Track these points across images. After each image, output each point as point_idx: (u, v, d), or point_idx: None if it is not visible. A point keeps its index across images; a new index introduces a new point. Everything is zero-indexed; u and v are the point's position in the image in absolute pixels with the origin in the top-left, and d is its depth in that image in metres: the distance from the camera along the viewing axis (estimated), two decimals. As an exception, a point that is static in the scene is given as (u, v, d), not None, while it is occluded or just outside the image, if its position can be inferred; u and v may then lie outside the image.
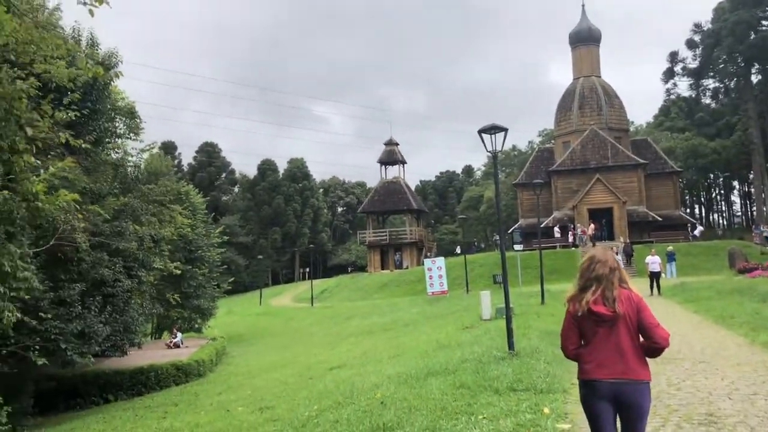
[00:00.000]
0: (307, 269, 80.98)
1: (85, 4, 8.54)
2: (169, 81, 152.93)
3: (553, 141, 60.31)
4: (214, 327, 38.78)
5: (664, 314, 17.63)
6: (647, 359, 4.05)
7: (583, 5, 57.55)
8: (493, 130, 11.82)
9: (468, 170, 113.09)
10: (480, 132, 11.95)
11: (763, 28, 56.98)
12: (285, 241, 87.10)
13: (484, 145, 11.98)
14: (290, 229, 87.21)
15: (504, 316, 20.79)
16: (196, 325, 35.97)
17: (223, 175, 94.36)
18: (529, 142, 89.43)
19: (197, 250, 35.13)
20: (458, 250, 50.95)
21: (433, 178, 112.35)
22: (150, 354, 25.01)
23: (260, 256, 75.97)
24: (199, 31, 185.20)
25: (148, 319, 27.54)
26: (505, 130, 11.91)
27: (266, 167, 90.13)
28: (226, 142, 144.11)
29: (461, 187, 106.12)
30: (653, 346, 4.00)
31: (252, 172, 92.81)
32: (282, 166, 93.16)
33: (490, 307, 20.85)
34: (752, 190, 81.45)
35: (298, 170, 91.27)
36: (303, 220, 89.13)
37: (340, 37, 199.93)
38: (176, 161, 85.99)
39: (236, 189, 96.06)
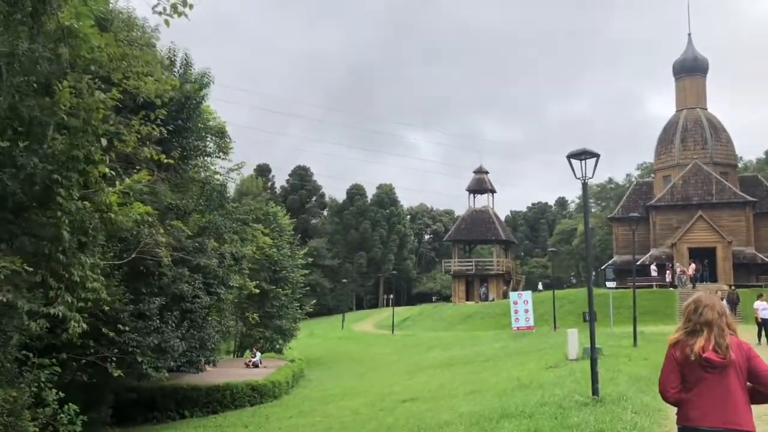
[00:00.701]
0: (391, 296, 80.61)
1: (161, 14, 8.48)
2: (268, 106, 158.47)
3: (652, 175, 57.58)
4: (295, 348, 38.86)
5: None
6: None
7: (689, 34, 55.03)
8: (583, 155, 10.97)
9: (561, 202, 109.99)
10: (569, 157, 11.12)
11: None
12: (370, 267, 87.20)
13: (573, 172, 11.12)
14: (376, 254, 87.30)
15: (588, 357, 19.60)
16: (277, 346, 36.07)
17: (314, 198, 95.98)
18: (627, 175, 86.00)
19: (281, 270, 35.39)
20: (540, 286, 49.08)
21: (525, 209, 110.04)
22: (228, 372, 25.11)
23: (345, 280, 76.23)
24: (297, 59, 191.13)
25: (225, 337, 27.76)
26: (597, 156, 11.04)
27: (355, 192, 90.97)
28: (318, 167, 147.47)
29: (553, 219, 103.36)
30: (766, 393, 3.87)
31: (341, 196, 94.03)
32: (371, 191, 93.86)
33: (577, 347, 19.58)
34: None
35: (387, 196, 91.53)
36: (389, 246, 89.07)
37: (435, 67, 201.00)
38: (269, 183, 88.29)
39: (325, 212, 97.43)
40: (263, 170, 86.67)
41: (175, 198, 18.44)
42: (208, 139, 21.95)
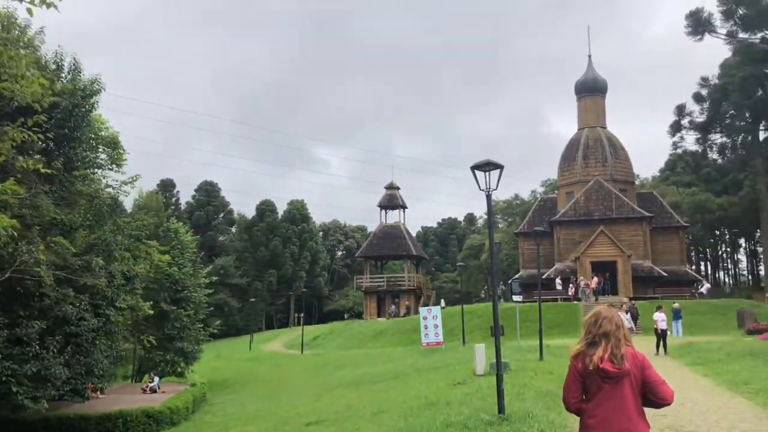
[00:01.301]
0: (302, 314, 79.33)
1: (22, 0, 7.59)
2: (173, 119, 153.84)
3: (556, 191, 59.36)
4: (198, 372, 37.17)
5: (673, 377, 16.18)
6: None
7: (589, 55, 57.37)
8: (487, 166, 10.71)
9: (470, 218, 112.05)
10: (473, 168, 10.83)
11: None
12: (281, 285, 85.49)
13: (477, 183, 10.83)
14: (287, 272, 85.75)
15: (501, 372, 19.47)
16: (179, 369, 34.33)
17: (222, 214, 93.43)
18: (533, 191, 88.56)
19: (183, 290, 33.79)
20: (443, 303, 49.25)
21: (435, 225, 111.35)
22: (122, 399, 23.55)
23: (253, 299, 74.26)
24: (208, 73, 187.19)
25: (119, 361, 26.01)
26: (501, 167, 10.81)
27: (265, 208, 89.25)
28: (227, 182, 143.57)
29: (463, 234, 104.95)
30: (660, 403, 4.11)
31: (251, 212, 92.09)
32: (282, 207, 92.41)
33: (484, 362, 19.45)
34: (759, 248, 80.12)
35: (298, 212, 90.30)
36: (300, 264, 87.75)
37: (347, 83, 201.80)
38: (174, 199, 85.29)
39: (234, 229, 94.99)
40: (167, 185, 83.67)
41: (59, 212, 17.04)
42: (100, 149, 20.55)
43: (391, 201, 61.23)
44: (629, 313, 30.72)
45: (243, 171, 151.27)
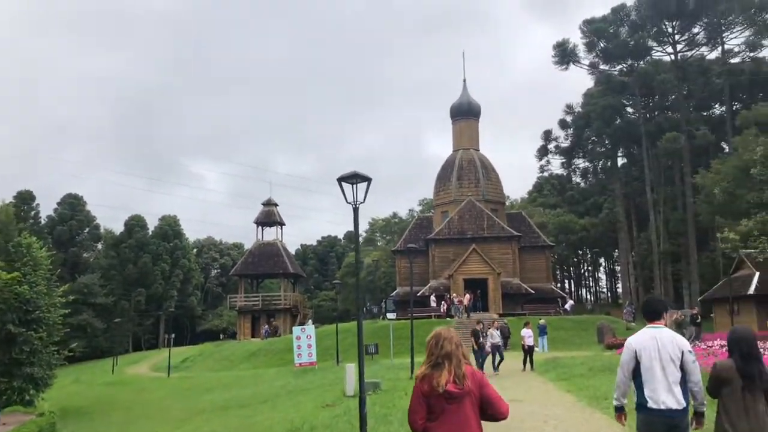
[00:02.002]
0: (172, 335, 75.66)
1: None
2: (39, 129, 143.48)
3: (432, 210, 60.49)
4: (51, 399, 34.04)
5: (538, 393, 16.46)
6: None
7: (464, 80, 59.20)
8: (354, 179, 10.29)
9: (350, 236, 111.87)
10: (340, 180, 10.39)
11: (628, 113, 60.89)
12: (150, 304, 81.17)
13: (344, 196, 10.39)
14: (157, 290, 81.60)
15: (372, 392, 19.09)
16: (27, 398, 31.17)
17: (87, 230, 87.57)
18: (410, 210, 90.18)
19: (35, 310, 30.81)
20: (310, 322, 48.50)
21: (315, 243, 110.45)
22: (-47, 434, 20.94)
23: (119, 319, 69.88)
24: (76, 81, 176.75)
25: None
26: (368, 179, 10.43)
27: (134, 223, 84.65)
28: (94, 196, 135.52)
29: (343, 252, 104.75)
30: (498, 417, 4.23)
31: (119, 228, 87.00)
32: (153, 223, 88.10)
33: (354, 382, 18.97)
34: (617, 267, 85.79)
35: (170, 228, 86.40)
36: (171, 282, 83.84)
37: (225, 97, 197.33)
38: (33, 213, 79.15)
39: (100, 245, 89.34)
40: (25, 198, 77.45)
41: None
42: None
43: (269, 217, 59.87)
44: (500, 332, 31.40)
45: (112, 184, 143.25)
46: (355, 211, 10.43)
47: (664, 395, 4.92)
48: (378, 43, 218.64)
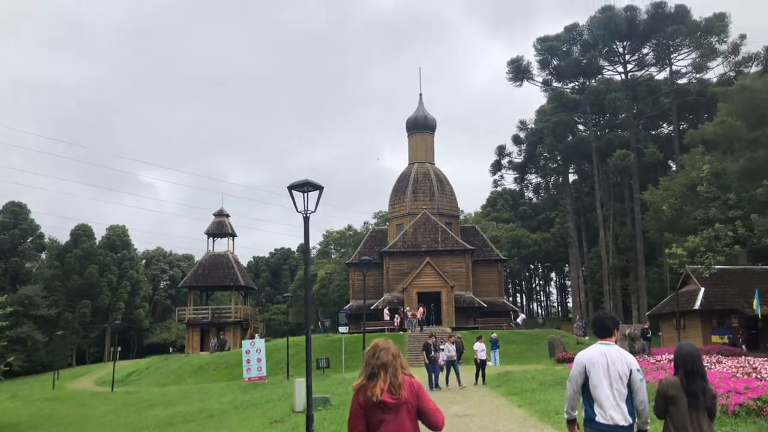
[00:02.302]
0: (119, 348, 73.41)
1: None
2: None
3: (387, 223, 60.33)
4: (-17, 416, 32.52)
5: (490, 408, 16.28)
6: None
7: (420, 94, 59.46)
8: (305, 187, 9.96)
9: (303, 248, 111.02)
10: (290, 188, 10.04)
11: (580, 130, 62.08)
12: (96, 316, 78.71)
13: (294, 205, 10.05)
14: (103, 302, 79.18)
15: (321, 407, 18.63)
16: (-42, 414, 29.72)
17: (30, 239, 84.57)
18: (365, 222, 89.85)
19: (-32, 322, 29.49)
20: (257, 335, 47.25)
21: (268, 255, 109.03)
22: None
23: (61, 332, 67.42)
24: (21, 83, 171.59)
25: None
26: (320, 188, 10.12)
27: (81, 233, 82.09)
28: (39, 204, 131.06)
29: (296, 265, 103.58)
30: (433, 428, 4.23)
31: (65, 237, 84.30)
32: (101, 233, 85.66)
33: (304, 398, 18.48)
34: (567, 281, 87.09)
35: (118, 238, 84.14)
36: (119, 293, 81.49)
37: (175, 107, 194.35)
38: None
39: (44, 255, 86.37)
40: (-36, 205, 74.47)
41: None
42: None
43: (220, 228, 58.73)
44: (455, 346, 31.29)
45: (58, 193, 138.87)
46: (306, 220, 10.09)
47: (612, 411, 4.95)
48: (336, 58, 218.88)
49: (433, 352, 21.40)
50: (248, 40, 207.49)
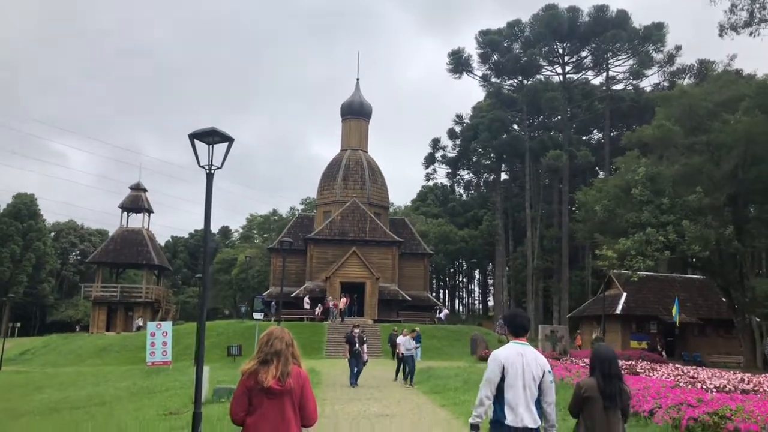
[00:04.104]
0: (17, 324, 68.55)
1: None
2: None
3: (315, 210, 58.45)
4: None
5: (410, 407, 14.91)
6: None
7: (357, 79, 57.85)
8: (210, 136, 8.18)
9: (225, 231, 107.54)
10: (192, 137, 8.23)
11: (515, 129, 61.93)
12: (-6, 289, 73.40)
13: (196, 158, 8.25)
14: (3, 274, 73.86)
15: (226, 398, 16.79)
16: None
17: (-77, 201, 78.19)
18: (291, 208, 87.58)
19: None
20: (140, 320, 44.69)
21: (187, 236, 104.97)
22: None
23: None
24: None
25: None
26: (229, 140, 8.36)
27: (-17, 199, 76.48)
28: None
29: (216, 248, 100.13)
30: (305, 423, 4.35)
31: (-35, 202, 78.26)
32: (5, 201, 80.00)
33: (206, 388, 16.63)
34: (489, 280, 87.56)
35: (26, 207, 78.70)
36: (21, 266, 76.23)
37: (92, 73, 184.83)
38: None
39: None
40: None
41: None
42: None
43: (136, 203, 55.36)
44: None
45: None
46: (209, 177, 8.30)
47: (523, 412, 4.87)
48: (267, 39, 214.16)
49: (357, 345, 19.81)
50: (174, 12, 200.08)
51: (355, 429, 11.74)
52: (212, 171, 8.25)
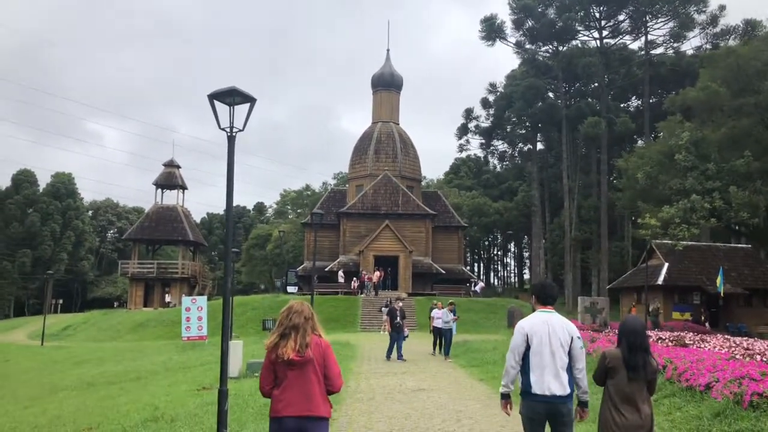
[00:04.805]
0: (60, 301, 70.08)
1: None
2: None
3: (347, 184, 58.03)
4: None
5: (448, 382, 14.43)
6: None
7: (387, 50, 56.89)
8: (231, 96, 7.65)
9: (260, 207, 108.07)
10: (212, 97, 7.71)
11: (550, 97, 60.26)
12: (37, 266, 74.90)
13: (217, 120, 7.74)
14: (45, 252, 75.40)
15: (257, 374, 16.53)
16: None
17: (-34, 182, 79.90)
18: (324, 183, 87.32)
19: None
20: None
21: (222, 212, 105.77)
22: None
23: (-2, 281, 63.92)
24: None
25: None
26: (252, 100, 7.82)
27: (23, 179, 77.83)
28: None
29: (251, 224, 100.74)
30: (330, 390, 4.54)
31: (5, 182, 79.81)
32: (45, 180, 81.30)
33: (240, 363, 16.47)
34: (525, 253, 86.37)
35: (64, 186, 79.95)
36: (62, 244, 77.71)
37: (126, 52, 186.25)
38: None
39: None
40: None
41: None
42: None
43: (170, 180, 55.61)
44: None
45: None
46: (230, 139, 7.79)
47: (551, 380, 4.88)
48: (296, 10, 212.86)
49: (399, 319, 19.39)
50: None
51: (391, 403, 11.31)
52: (234, 134, 7.73)
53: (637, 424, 4.82)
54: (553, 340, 4.91)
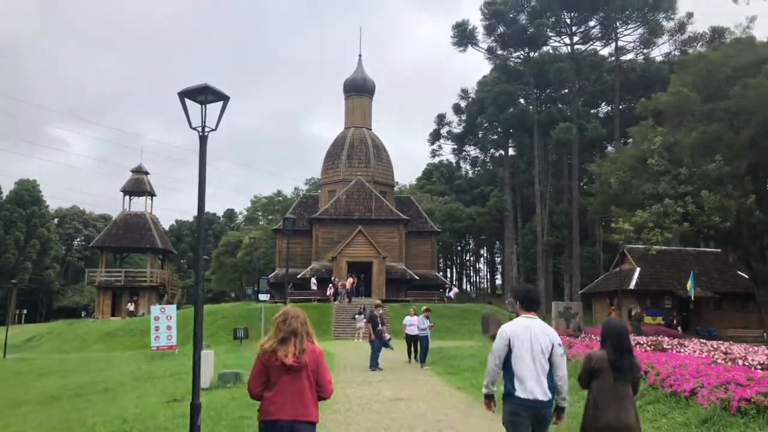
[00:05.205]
0: (24, 311, 68.35)
1: None
2: None
3: (319, 190, 57.59)
4: None
5: (425, 390, 14.13)
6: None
7: (359, 55, 56.76)
8: (203, 94, 7.27)
9: (230, 214, 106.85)
10: (183, 95, 7.33)
11: (522, 103, 60.62)
12: (0, 276, 72.95)
13: (188, 119, 7.35)
14: (8, 261, 73.45)
15: (231, 384, 16.07)
16: None
17: (-75, 189, 77.57)
18: (296, 188, 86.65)
19: None
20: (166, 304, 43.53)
21: (191, 219, 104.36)
22: None
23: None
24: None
25: None
26: (225, 98, 7.45)
27: (-15, 186, 75.82)
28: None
29: (221, 230, 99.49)
30: (321, 396, 4.67)
31: (-33, 190, 77.57)
32: (8, 187, 79.24)
33: (211, 373, 15.96)
34: (497, 258, 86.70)
35: (28, 194, 78.02)
36: (26, 252, 75.77)
37: (93, 57, 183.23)
38: None
39: (-59, 208, 79.32)
40: None
41: None
42: None
43: (138, 186, 54.53)
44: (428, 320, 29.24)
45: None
46: (202, 139, 7.41)
47: (533, 385, 4.91)
48: (267, 16, 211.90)
49: (380, 325, 19.06)
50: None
51: (369, 414, 10.97)
52: (206, 133, 7.35)
53: (624, 424, 4.83)
54: (534, 346, 4.98)
